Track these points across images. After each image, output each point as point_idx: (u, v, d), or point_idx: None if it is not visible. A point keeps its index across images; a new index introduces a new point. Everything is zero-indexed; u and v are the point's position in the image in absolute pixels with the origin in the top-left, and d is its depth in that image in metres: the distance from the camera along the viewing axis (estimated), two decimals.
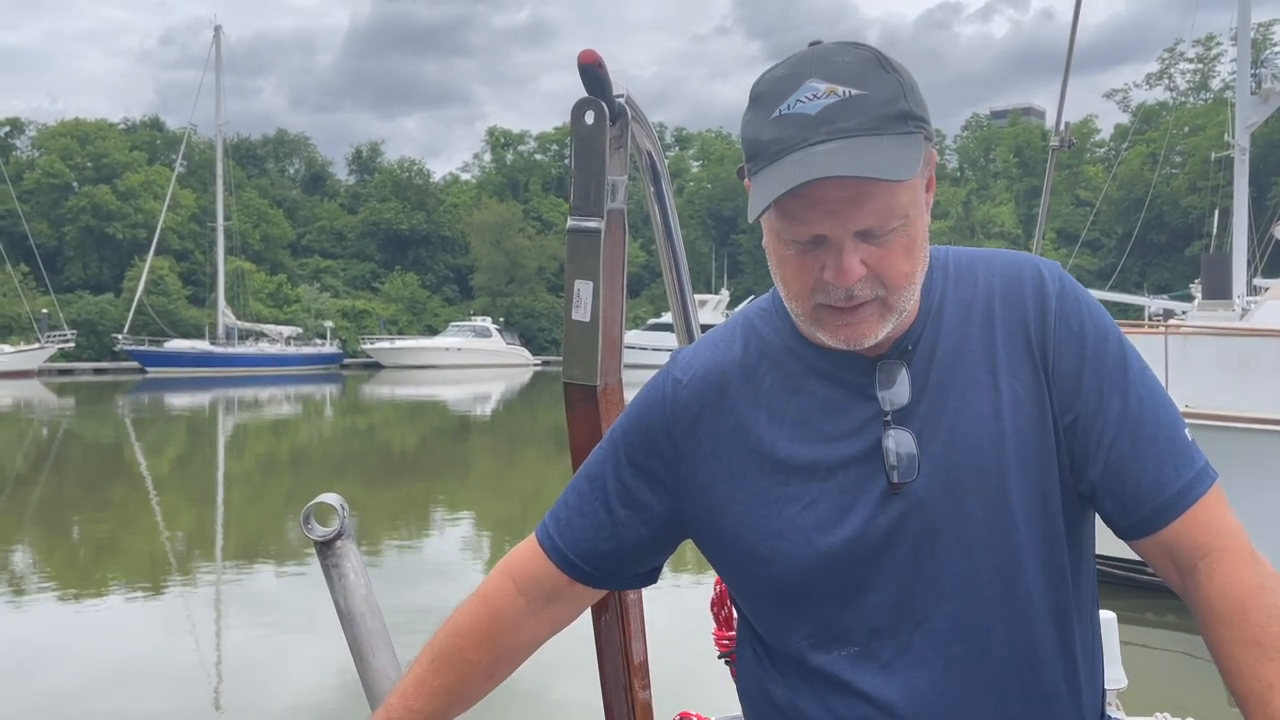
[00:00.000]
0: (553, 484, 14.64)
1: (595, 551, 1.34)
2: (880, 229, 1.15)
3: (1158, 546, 1.23)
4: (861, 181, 1.11)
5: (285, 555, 10.07)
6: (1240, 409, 7.51)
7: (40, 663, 6.67)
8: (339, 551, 1.35)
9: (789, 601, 1.28)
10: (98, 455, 19.86)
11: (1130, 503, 1.23)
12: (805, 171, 1.10)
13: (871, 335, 1.20)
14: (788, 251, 1.18)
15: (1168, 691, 6.03)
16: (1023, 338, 1.25)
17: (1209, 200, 34.19)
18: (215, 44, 57.86)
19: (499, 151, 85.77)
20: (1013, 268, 1.29)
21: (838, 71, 1.14)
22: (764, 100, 1.17)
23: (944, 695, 1.22)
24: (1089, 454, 1.23)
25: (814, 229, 1.15)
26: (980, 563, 1.22)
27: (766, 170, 1.14)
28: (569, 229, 1.43)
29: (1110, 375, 1.24)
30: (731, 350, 1.33)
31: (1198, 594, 1.20)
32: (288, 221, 71.37)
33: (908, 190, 1.15)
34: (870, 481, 1.23)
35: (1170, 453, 1.22)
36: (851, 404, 1.25)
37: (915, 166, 1.12)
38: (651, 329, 56.05)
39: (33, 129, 66.59)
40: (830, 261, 1.15)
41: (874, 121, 1.13)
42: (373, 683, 1.40)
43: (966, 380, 1.24)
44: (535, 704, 5.75)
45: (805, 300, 1.20)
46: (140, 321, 52.69)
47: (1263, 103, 15.13)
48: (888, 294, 1.18)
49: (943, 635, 1.22)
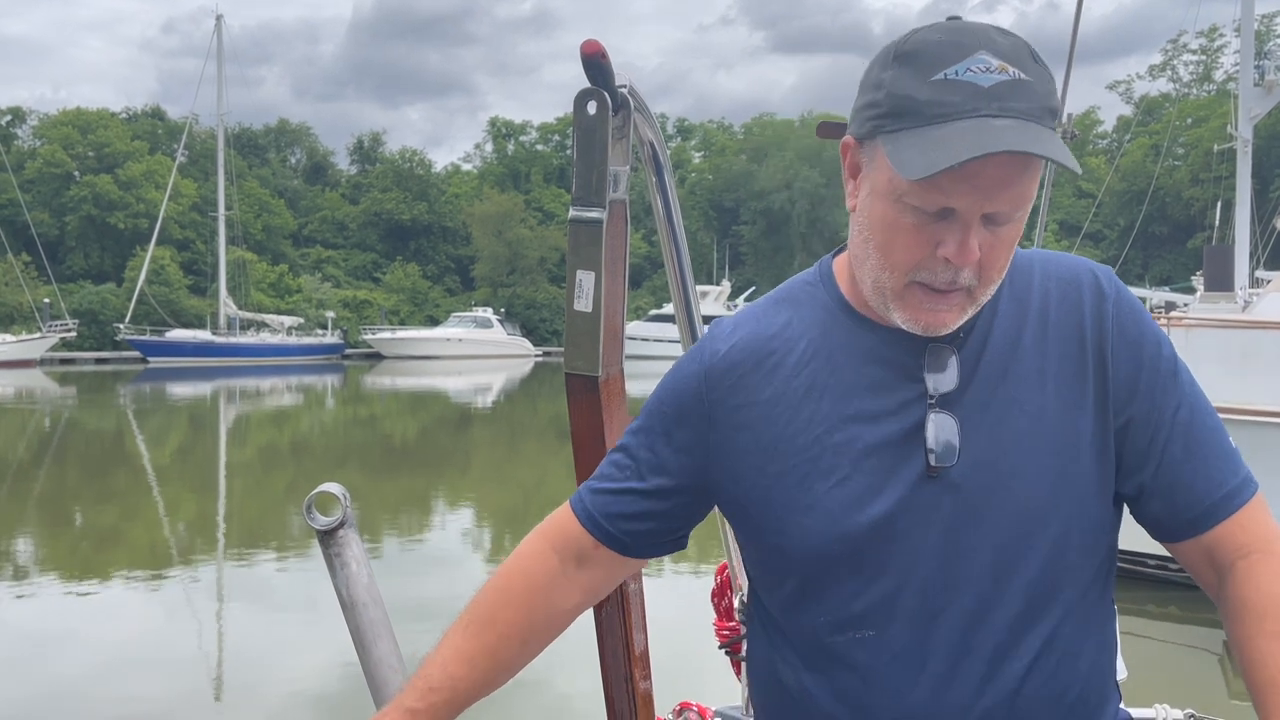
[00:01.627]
0: (554, 475, 14.65)
1: (623, 515, 1.34)
2: (1008, 216, 1.14)
3: (1200, 547, 1.26)
4: (1016, 164, 1.10)
5: (287, 544, 10.09)
6: (1242, 401, 7.52)
7: (42, 651, 6.69)
8: (341, 540, 1.36)
9: (810, 579, 1.27)
10: (99, 445, 19.89)
11: (1180, 505, 1.25)
12: (994, 141, 1.07)
13: (951, 324, 1.19)
14: (905, 220, 1.15)
15: (1167, 682, 6.05)
16: (1077, 339, 1.25)
17: (1211, 192, 34.11)
18: (217, 33, 57.74)
19: (500, 142, 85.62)
20: (1069, 270, 1.30)
21: (1005, 51, 1.12)
22: (919, 60, 1.13)
23: (957, 687, 1.21)
24: (1142, 457, 1.25)
25: (950, 201, 1.12)
26: (1008, 557, 1.21)
27: (925, 131, 1.10)
28: (570, 219, 1.43)
29: (1164, 382, 1.26)
30: (774, 322, 1.32)
31: (1233, 590, 1.22)
32: (289, 211, 71.34)
33: (1035, 185, 1.14)
34: (905, 464, 1.22)
35: (1220, 458, 1.25)
36: (895, 384, 1.24)
37: (1074, 161, 1.12)
38: (653, 320, 55.99)
39: (34, 118, 66.58)
40: (952, 239, 1.13)
41: (1038, 110, 1.12)
42: (374, 670, 1.40)
43: (1017, 374, 1.24)
44: (539, 695, 5.77)
45: (901, 274, 1.18)
46: (142, 311, 52.68)
47: (1266, 94, 15.09)
48: (979, 286, 1.18)
49: (962, 626, 1.21)
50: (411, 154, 77.90)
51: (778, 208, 73.41)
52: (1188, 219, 58.25)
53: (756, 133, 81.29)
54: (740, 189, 76.14)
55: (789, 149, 74.54)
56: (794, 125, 79.09)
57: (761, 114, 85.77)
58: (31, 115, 66.88)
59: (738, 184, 76.47)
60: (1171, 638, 6.99)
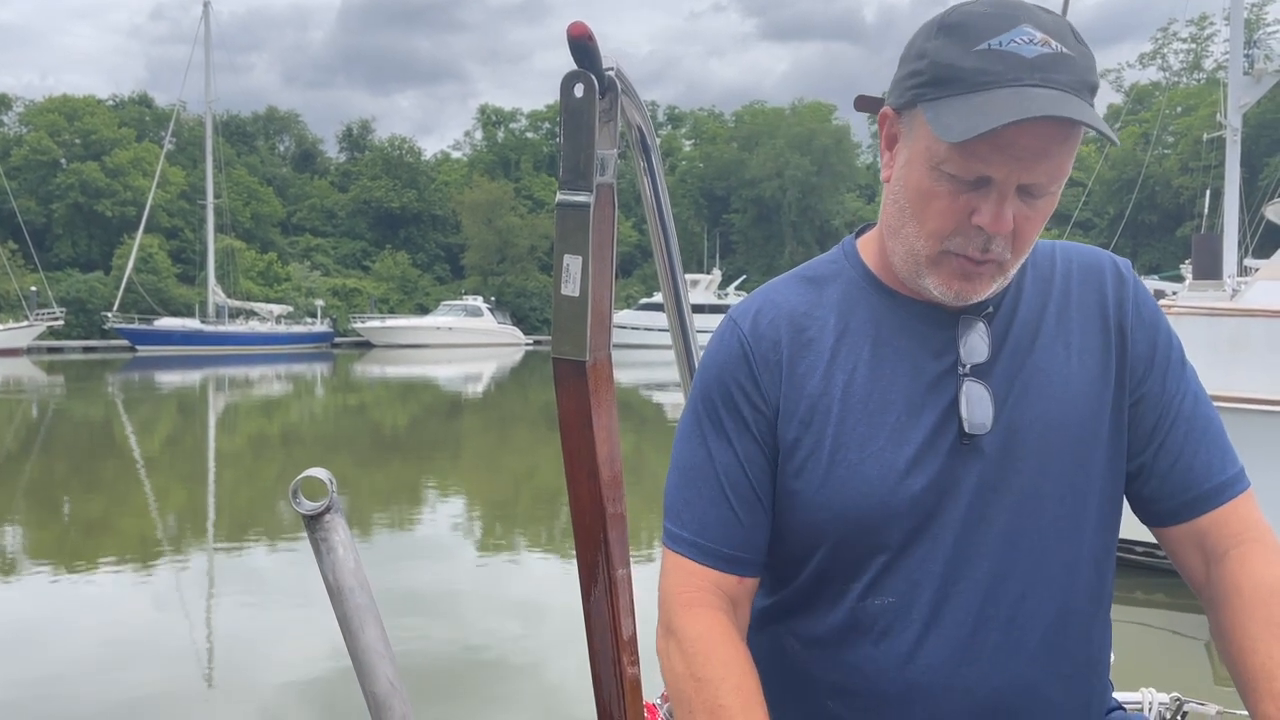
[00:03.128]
0: (545, 463, 14.67)
1: (751, 540, 1.30)
2: (1044, 188, 1.16)
3: (1191, 533, 1.28)
4: (1055, 135, 1.12)
5: (276, 532, 10.08)
6: (1231, 389, 7.56)
7: (30, 641, 6.67)
8: (327, 525, 1.35)
9: (840, 547, 1.27)
10: (88, 433, 19.82)
11: (1177, 486, 1.28)
12: (1035, 107, 1.09)
13: (982, 293, 1.22)
14: (940, 187, 1.17)
15: (1154, 667, 6.09)
16: (1099, 317, 1.29)
17: (1201, 181, 34.25)
18: (204, 20, 57.36)
19: (490, 130, 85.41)
20: (1089, 256, 1.35)
21: (1049, 25, 1.14)
22: (964, 30, 1.15)
23: (967, 656, 1.23)
24: (1147, 436, 1.29)
25: (987, 170, 1.14)
26: (1029, 525, 1.24)
27: (967, 98, 1.12)
28: (558, 203, 1.43)
29: (1175, 369, 1.30)
30: (803, 299, 1.34)
31: (1224, 578, 1.23)
32: (278, 199, 71.08)
33: (1071, 159, 1.16)
34: (939, 434, 1.24)
35: (1219, 448, 1.29)
36: (927, 355, 1.26)
37: (1114, 135, 1.14)
38: (643, 309, 56.02)
39: (20, 105, 66.09)
40: (987, 208, 1.15)
41: (1079, 84, 1.13)
42: (362, 656, 1.40)
43: (1043, 347, 1.27)
44: (528, 681, 5.78)
45: (935, 242, 1.20)
46: (130, 299, 52.46)
47: (1255, 83, 15.13)
48: (1011, 258, 1.19)
49: (979, 595, 1.23)
50: (401, 142, 77.73)
51: (768, 196, 73.37)
52: (1177, 207, 58.43)
53: (747, 120, 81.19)
54: (731, 177, 76.07)
55: (780, 137, 74.49)
56: (784, 113, 79.01)
57: (753, 102, 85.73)
58: (17, 102, 66.44)
59: (728, 172, 76.38)
60: (1157, 623, 7.04)
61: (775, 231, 74.28)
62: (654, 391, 26.68)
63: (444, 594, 7.74)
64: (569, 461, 1.51)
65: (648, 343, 47.66)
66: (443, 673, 5.92)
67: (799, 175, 72.22)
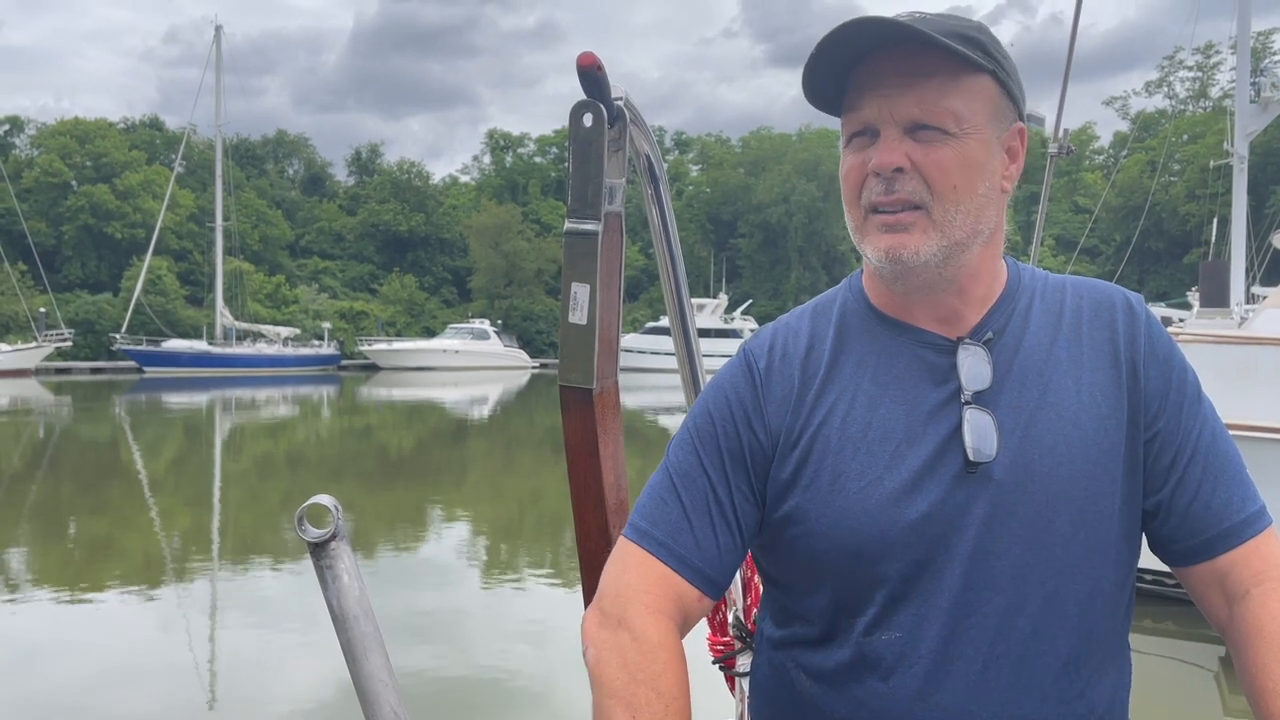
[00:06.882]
0: (550, 487, 14.62)
1: (725, 560, 1.27)
2: (927, 121, 1.16)
3: (1212, 572, 1.24)
4: (911, 67, 1.15)
5: (281, 556, 10.05)
6: (1238, 417, 7.51)
7: (34, 661, 6.66)
8: (333, 553, 1.35)
9: (843, 579, 1.24)
10: (94, 454, 19.83)
11: (1196, 524, 1.24)
12: (857, 25, 1.14)
13: (914, 248, 1.19)
14: (851, 159, 1.22)
15: (1164, 697, 6.03)
16: (1110, 352, 1.26)
17: (1207, 208, 34.26)
18: (216, 44, 57.88)
19: (498, 154, 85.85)
20: (1101, 291, 1.33)
21: (930, 17, 1.19)
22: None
23: (977, 694, 1.19)
24: (1164, 474, 1.25)
25: (863, 115, 1.19)
26: (1038, 559, 1.20)
27: (814, 59, 1.19)
28: (566, 231, 1.43)
29: (1190, 405, 1.27)
30: (805, 329, 1.34)
31: (1247, 617, 1.19)
32: (286, 222, 71.41)
33: (963, 98, 1.17)
34: (942, 462, 1.21)
35: (1239, 485, 1.25)
36: (928, 382, 1.24)
37: (972, 60, 1.15)
38: (649, 332, 56.09)
39: (32, 128, 66.63)
40: (875, 150, 1.19)
41: (944, 31, 1.15)
42: (365, 684, 1.40)
43: (1050, 379, 1.24)
44: (533, 706, 5.74)
45: (857, 208, 1.23)
46: (138, 321, 52.65)
47: (1262, 111, 15.13)
48: (932, 202, 1.18)
49: (988, 631, 1.19)
50: (409, 165, 78.12)
51: (775, 221, 73.52)
52: (1184, 235, 58.45)
53: (754, 146, 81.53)
54: (738, 202, 76.29)
55: (787, 162, 74.77)
56: (791, 139, 79.30)
57: (760, 127, 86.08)
58: (29, 125, 66.99)
59: (735, 197, 76.61)
60: (1167, 653, 6.97)
61: (781, 256, 74.38)
62: (660, 415, 26.65)
63: (449, 619, 7.71)
64: (575, 488, 1.51)
65: (653, 366, 47.66)
66: (447, 700, 5.88)
67: (805, 200, 72.39)
